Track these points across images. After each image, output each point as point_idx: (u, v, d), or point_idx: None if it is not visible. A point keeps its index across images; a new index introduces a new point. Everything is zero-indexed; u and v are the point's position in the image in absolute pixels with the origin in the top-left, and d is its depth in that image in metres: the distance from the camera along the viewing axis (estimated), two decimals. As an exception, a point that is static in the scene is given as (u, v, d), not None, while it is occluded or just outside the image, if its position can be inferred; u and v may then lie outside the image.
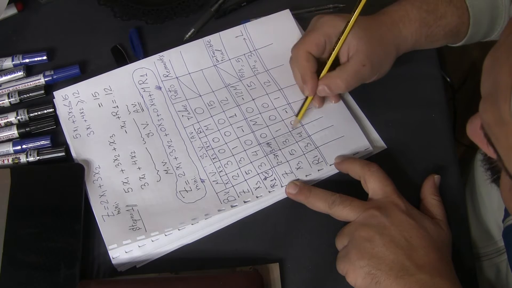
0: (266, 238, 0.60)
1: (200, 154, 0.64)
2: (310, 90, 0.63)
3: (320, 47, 0.63)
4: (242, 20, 0.74)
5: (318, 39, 0.62)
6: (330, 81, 0.62)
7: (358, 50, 0.61)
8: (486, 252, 0.64)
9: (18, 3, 0.75)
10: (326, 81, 0.62)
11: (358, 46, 0.61)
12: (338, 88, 0.62)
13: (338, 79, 0.62)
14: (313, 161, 0.63)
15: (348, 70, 0.62)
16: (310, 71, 0.63)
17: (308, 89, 0.63)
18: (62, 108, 0.66)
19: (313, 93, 0.63)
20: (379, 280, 0.51)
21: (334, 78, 0.62)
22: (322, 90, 0.63)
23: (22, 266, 0.56)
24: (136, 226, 0.59)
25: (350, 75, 0.62)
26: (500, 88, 0.34)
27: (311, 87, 0.63)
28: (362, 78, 0.63)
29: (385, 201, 0.56)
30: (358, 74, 0.62)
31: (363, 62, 0.61)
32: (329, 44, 0.63)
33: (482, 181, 0.67)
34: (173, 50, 0.70)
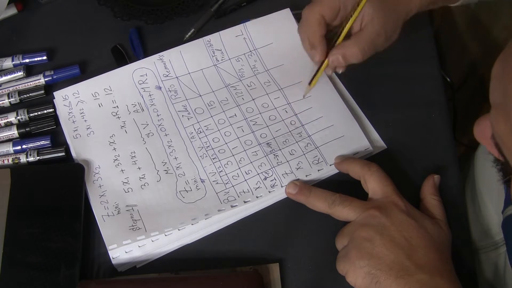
0: (266, 238, 0.60)
1: (200, 154, 0.64)
2: (320, 54, 0.62)
3: (334, 12, 0.61)
4: (242, 20, 0.74)
5: (334, 2, 0.61)
6: (346, 50, 0.61)
7: (373, 19, 0.60)
8: (483, 245, 0.64)
9: (18, 3, 0.75)
10: (342, 50, 0.61)
11: (373, 14, 0.60)
12: (355, 57, 0.61)
13: (355, 47, 0.60)
14: (313, 161, 0.63)
15: (365, 38, 0.61)
16: (320, 35, 0.61)
17: (319, 53, 0.62)
18: (62, 108, 0.67)
19: (323, 57, 0.62)
20: (379, 280, 0.51)
21: (350, 47, 0.61)
22: (336, 60, 0.62)
23: (22, 266, 0.56)
24: (136, 226, 0.59)
25: (367, 44, 0.61)
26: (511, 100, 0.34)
27: (321, 51, 0.61)
28: (377, 47, 0.62)
29: (385, 201, 0.56)
30: (374, 42, 0.61)
31: (378, 32, 0.61)
32: (343, 10, 0.62)
33: (481, 177, 0.67)
34: (173, 50, 0.70)
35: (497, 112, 0.36)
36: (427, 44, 0.73)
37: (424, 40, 0.73)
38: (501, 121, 0.36)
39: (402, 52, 0.72)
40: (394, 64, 0.71)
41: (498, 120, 0.36)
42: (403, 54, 0.72)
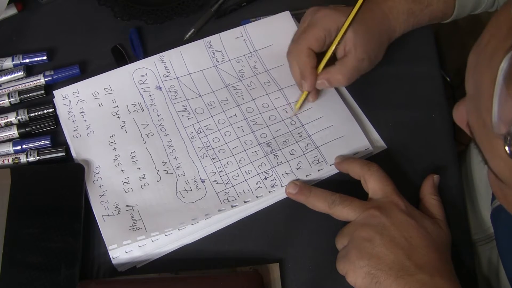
0: (266, 238, 0.60)
1: (200, 154, 0.64)
2: (309, 85, 0.64)
3: (321, 43, 0.63)
4: (242, 21, 0.74)
5: (318, 34, 0.63)
6: (331, 76, 0.63)
7: (356, 44, 0.62)
8: (478, 239, 0.64)
9: (18, 3, 0.75)
10: (326, 75, 0.64)
11: (355, 40, 0.62)
12: (339, 82, 0.64)
13: (339, 74, 0.63)
14: (313, 161, 0.63)
15: (348, 65, 0.63)
16: (310, 66, 0.63)
17: (308, 85, 0.64)
18: (62, 107, 0.66)
19: (311, 88, 0.64)
20: (379, 280, 0.51)
21: (335, 74, 0.63)
22: (321, 84, 0.64)
23: (22, 266, 0.56)
24: (136, 226, 0.59)
25: (351, 70, 0.63)
26: (482, 96, 0.34)
27: (310, 83, 0.64)
28: (361, 72, 0.65)
29: (385, 201, 0.56)
30: (358, 68, 0.64)
31: (361, 56, 0.63)
32: (329, 38, 0.64)
33: (476, 170, 0.67)
34: (173, 51, 0.70)
35: (470, 102, 0.37)
36: (427, 44, 0.73)
37: (424, 40, 0.73)
38: (473, 113, 0.36)
39: (402, 52, 0.72)
40: (394, 64, 0.71)
41: (471, 112, 0.37)
42: (403, 54, 0.72)
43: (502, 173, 0.35)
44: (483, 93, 0.34)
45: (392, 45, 0.70)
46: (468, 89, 0.37)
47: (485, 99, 0.34)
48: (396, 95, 0.69)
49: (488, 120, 0.33)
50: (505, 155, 0.33)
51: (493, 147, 0.35)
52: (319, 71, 0.64)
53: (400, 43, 0.73)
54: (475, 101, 0.36)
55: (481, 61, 0.35)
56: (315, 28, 0.63)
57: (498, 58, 0.32)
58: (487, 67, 0.34)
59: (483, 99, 0.34)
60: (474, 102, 0.36)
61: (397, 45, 0.73)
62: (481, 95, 0.34)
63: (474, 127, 0.37)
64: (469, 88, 0.37)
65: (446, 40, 0.91)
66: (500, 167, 0.35)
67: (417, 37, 0.73)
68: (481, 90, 0.35)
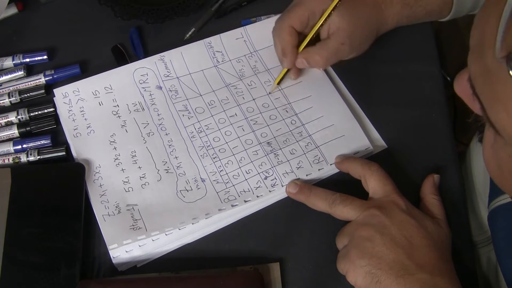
0: (267, 237, 0.60)
1: (201, 154, 0.64)
2: (289, 63, 0.66)
3: (303, 23, 0.65)
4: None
5: (302, 14, 0.64)
6: (309, 56, 0.65)
7: (339, 28, 0.63)
8: (478, 241, 0.64)
9: (18, 3, 0.76)
10: (305, 55, 0.65)
11: (339, 24, 0.63)
12: (317, 63, 0.65)
13: (318, 55, 0.64)
14: (313, 160, 0.63)
15: (327, 47, 0.64)
16: (291, 45, 0.65)
17: (287, 62, 0.66)
18: (62, 106, 0.66)
19: (291, 66, 0.66)
20: (380, 280, 0.51)
21: (313, 54, 0.64)
22: (301, 63, 0.65)
23: (22, 266, 0.56)
24: (137, 226, 0.59)
25: (329, 52, 0.64)
26: (486, 36, 0.35)
27: (290, 60, 0.65)
28: (340, 55, 0.65)
29: (386, 201, 0.56)
30: (337, 51, 0.64)
31: (342, 41, 0.63)
32: (312, 20, 0.65)
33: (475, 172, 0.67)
34: (174, 51, 0.70)
35: (473, 53, 0.37)
36: (427, 43, 0.73)
37: (424, 39, 0.73)
38: (475, 61, 0.37)
39: (402, 51, 0.72)
40: (394, 64, 0.71)
41: (473, 61, 0.37)
42: (403, 54, 0.72)
43: (501, 121, 0.35)
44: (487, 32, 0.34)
45: (392, 45, 0.70)
46: (472, 42, 0.37)
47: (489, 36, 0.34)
48: (396, 95, 0.69)
49: (491, 56, 0.34)
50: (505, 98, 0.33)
51: (494, 92, 0.35)
52: (300, 50, 0.65)
53: (400, 43, 0.73)
54: (479, 48, 0.36)
55: (489, 8, 0.35)
56: (299, 8, 0.64)
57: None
58: (494, 8, 0.34)
59: (487, 37, 0.34)
60: (477, 50, 0.36)
61: (397, 44, 0.73)
62: (485, 36, 0.35)
63: (476, 76, 0.37)
64: (473, 40, 0.37)
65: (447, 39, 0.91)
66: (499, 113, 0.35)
67: (418, 36, 0.73)
68: (485, 31, 0.35)
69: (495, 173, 0.42)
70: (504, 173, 0.40)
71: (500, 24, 0.33)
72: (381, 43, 0.72)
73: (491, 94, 0.35)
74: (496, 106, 0.35)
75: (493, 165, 0.41)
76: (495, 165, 0.41)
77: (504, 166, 0.40)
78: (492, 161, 0.41)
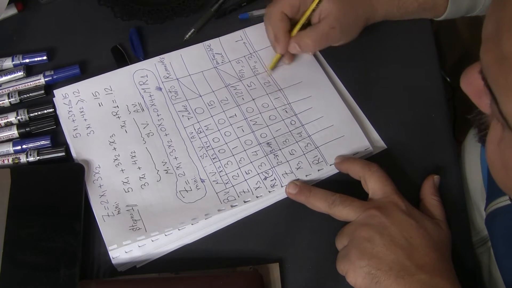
0: (266, 238, 0.60)
1: (200, 154, 0.64)
2: (282, 48, 0.67)
3: (294, 8, 0.66)
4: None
5: (293, 1, 0.66)
6: (300, 39, 0.66)
7: (330, 13, 0.65)
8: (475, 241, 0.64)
9: (18, 3, 0.75)
10: (297, 39, 0.66)
11: (330, 9, 0.65)
12: (307, 46, 0.66)
13: (308, 38, 0.66)
14: (313, 161, 0.63)
15: (318, 31, 0.65)
16: (283, 30, 0.66)
17: (280, 47, 0.67)
18: (62, 106, 0.66)
19: (284, 51, 0.67)
20: (379, 280, 0.51)
21: (304, 37, 0.66)
22: (293, 48, 0.67)
23: (22, 266, 0.56)
24: (136, 226, 0.59)
25: (319, 36, 0.66)
26: (503, 23, 0.34)
27: (283, 45, 0.67)
28: (330, 40, 0.67)
29: (385, 201, 0.56)
30: (327, 35, 0.66)
31: (332, 25, 0.65)
32: (303, 5, 0.66)
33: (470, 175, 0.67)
34: (174, 53, 0.71)
35: (487, 42, 0.37)
36: (427, 44, 0.73)
37: (424, 40, 0.73)
38: (490, 50, 0.36)
39: (402, 52, 0.72)
40: (394, 64, 0.71)
41: (487, 51, 0.36)
42: (403, 54, 0.72)
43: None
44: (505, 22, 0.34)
45: (392, 45, 0.70)
46: (486, 31, 0.37)
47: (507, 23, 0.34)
48: (396, 95, 0.69)
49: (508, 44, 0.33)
50: None
51: (508, 81, 0.34)
52: (293, 35, 0.67)
53: (400, 43, 0.73)
54: (494, 37, 0.35)
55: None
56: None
57: None
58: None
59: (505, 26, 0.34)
60: (492, 39, 0.36)
61: (397, 45, 0.73)
62: (503, 25, 0.34)
63: (489, 66, 0.36)
64: (487, 30, 0.37)
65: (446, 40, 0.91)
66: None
67: (417, 37, 0.74)
68: (503, 20, 0.34)
69: (499, 173, 0.41)
70: (510, 173, 0.40)
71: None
72: (381, 44, 0.73)
73: (506, 84, 0.35)
74: (510, 96, 0.35)
75: (499, 164, 0.41)
76: (500, 165, 0.41)
77: (510, 164, 0.39)
78: (497, 160, 0.41)
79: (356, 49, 0.71)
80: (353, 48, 0.71)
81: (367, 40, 0.71)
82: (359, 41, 0.70)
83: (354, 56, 0.71)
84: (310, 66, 0.70)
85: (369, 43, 0.72)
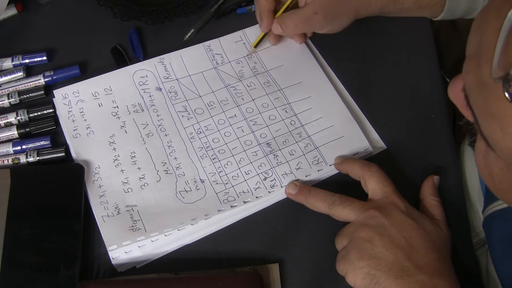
0: (266, 238, 0.60)
1: (200, 155, 0.64)
2: (264, 26, 0.69)
3: None
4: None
5: None
6: (282, 20, 0.67)
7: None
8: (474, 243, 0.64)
9: (18, 4, 0.76)
10: (279, 20, 0.67)
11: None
12: (287, 28, 0.67)
13: (289, 20, 0.67)
14: (313, 161, 0.63)
15: (300, 14, 0.66)
16: (267, 9, 0.68)
17: (263, 25, 0.69)
18: (62, 107, 0.67)
19: (267, 29, 0.69)
20: (379, 281, 0.51)
21: (285, 19, 0.67)
22: (275, 28, 0.68)
23: (21, 266, 0.56)
24: (136, 227, 0.59)
25: (301, 19, 0.66)
26: (484, 48, 0.34)
27: (265, 24, 0.68)
28: (312, 25, 0.68)
29: (385, 202, 0.56)
30: (309, 20, 0.66)
31: (316, 10, 0.65)
32: None
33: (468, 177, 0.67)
34: (173, 54, 0.71)
35: (470, 63, 0.36)
36: (427, 44, 0.73)
37: (424, 40, 0.73)
38: (471, 71, 0.36)
39: (402, 52, 0.72)
40: (394, 64, 0.71)
41: (469, 71, 0.36)
42: (403, 54, 0.72)
43: (493, 135, 0.34)
44: (485, 45, 0.33)
45: (391, 45, 0.70)
46: (469, 50, 0.36)
47: (487, 49, 0.33)
48: (395, 96, 0.69)
49: (487, 71, 0.33)
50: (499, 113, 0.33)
51: (488, 106, 0.34)
52: (277, 16, 0.68)
53: (400, 43, 0.73)
54: (475, 58, 0.35)
55: (488, 16, 0.34)
56: None
57: (506, 8, 0.32)
58: (494, 19, 0.33)
59: (484, 50, 0.33)
60: (474, 60, 0.35)
61: (397, 45, 0.73)
62: (483, 48, 0.34)
63: (471, 87, 0.36)
64: (470, 48, 0.36)
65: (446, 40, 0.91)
66: (492, 128, 0.34)
67: (417, 37, 0.74)
68: (483, 43, 0.34)
69: (488, 181, 0.42)
70: (496, 183, 0.40)
71: (499, 40, 0.32)
72: (381, 44, 0.73)
73: (485, 108, 0.34)
74: (489, 121, 0.34)
75: (486, 173, 0.41)
76: (487, 174, 0.41)
77: (495, 177, 0.40)
78: (484, 170, 0.41)
79: (355, 49, 0.71)
80: (352, 48, 0.71)
81: (367, 40, 0.71)
82: (359, 41, 0.70)
83: (354, 56, 0.71)
84: (310, 66, 0.70)
85: (369, 43, 0.72)
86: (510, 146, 0.34)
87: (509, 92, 0.31)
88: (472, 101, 0.36)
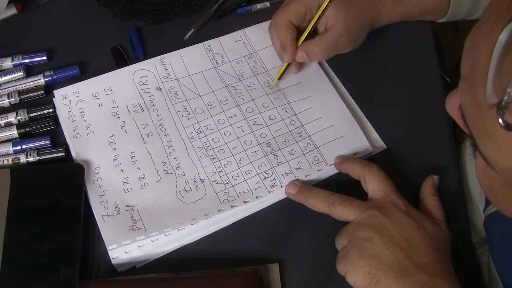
0: (266, 238, 0.60)
1: (200, 154, 0.64)
2: (289, 57, 0.66)
3: (300, 17, 0.66)
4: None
5: (299, 9, 0.65)
6: (309, 48, 0.66)
7: (337, 21, 0.64)
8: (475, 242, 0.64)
9: (18, 3, 0.76)
10: (305, 48, 0.66)
11: (336, 17, 0.64)
12: (316, 55, 0.66)
13: (317, 47, 0.65)
14: (313, 161, 0.63)
15: (326, 39, 0.65)
16: (290, 39, 0.66)
17: (288, 56, 0.66)
18: (62, 107, 0.67)
19: (291, 60, 0.67)
20: (379, 280, 0.51)
21: (312, 46, 0.65)
22: (300, 57, 0.66)
23: (21, 266, 0.56)
24: (136, 226, 0.59)
25: (328, 44, 0.65)
26: (477, 70, 0.33)
27: (290, 54, 0.66)
28: (339, 48, 0.67)
29: (385, 201, 0.56)
30: (336, 44, 0.65)
31: (340, 33, 0.65)
32: (309, 14, 0.66)
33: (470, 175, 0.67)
34: (173, 53, 0.71)
35: (464, 83, 0.36)
36: (427, 44, 0.73)
37: (424, 40, 0.73)
38: (467, 92, 0.36)
39: (402, 52, 0.72)
40: (394, 64, 0.71)
41: (465, 91, 0.36)
42: (403, 54, 0.72)
43: (491, 155, 0.34)
44: (478, 67, 0.33)
45: (392, 46, 0.70)
46: (464, 70, 0.36)
47: (480, 72, 0.33)
48: (396, 96, 0.69)
49: (482, 94, 0.32)
50: (496, 134, 0.32)
51: (484, 127, 0.34)
52: (300, 44, 0.66)
53: (400, 44, 0.73)
54: (470, 79, 0.35)
55: (480, 36, 0.34)
56: (296, 2, 0.66)
57: (497, 30, 0.32)
58: (485, 41, 0.33)
59: (478, 73, 0.33)
60: (468, 81, 0.35)
61: (397, 45, 0.73)
62: (476, 70, 0.34)
63: (467, 107, 0.36)
64: (464, 68, 0.36)
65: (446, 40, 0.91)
66: (490, 148, 0.34)
67: (417, 37, 0.74)
68: (476, 65, 0.34)
69: (489, 194, 0.42)
70: (497, 197, 0.40)
71: (491, 64, 0.32)
72: (381, 44, 0.73)
73: (482, 129, 0.34)
74: (487, 141, 0.34)
75: (487, 188, 0.41)
76: (488, 188, 0.41)
77: (496, 191, 0.40)
78: (484, 183, 0.41)
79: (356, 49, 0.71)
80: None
81: (367, 40, 0.71)
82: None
83: (354, 56, 0.71)
84: (310, 66, 0.70)
85: (369, 43, 0.72)
86: (508, 167, 0.33)
87: (503, 119, 0.31)
88: (468, 121, 0.36)
